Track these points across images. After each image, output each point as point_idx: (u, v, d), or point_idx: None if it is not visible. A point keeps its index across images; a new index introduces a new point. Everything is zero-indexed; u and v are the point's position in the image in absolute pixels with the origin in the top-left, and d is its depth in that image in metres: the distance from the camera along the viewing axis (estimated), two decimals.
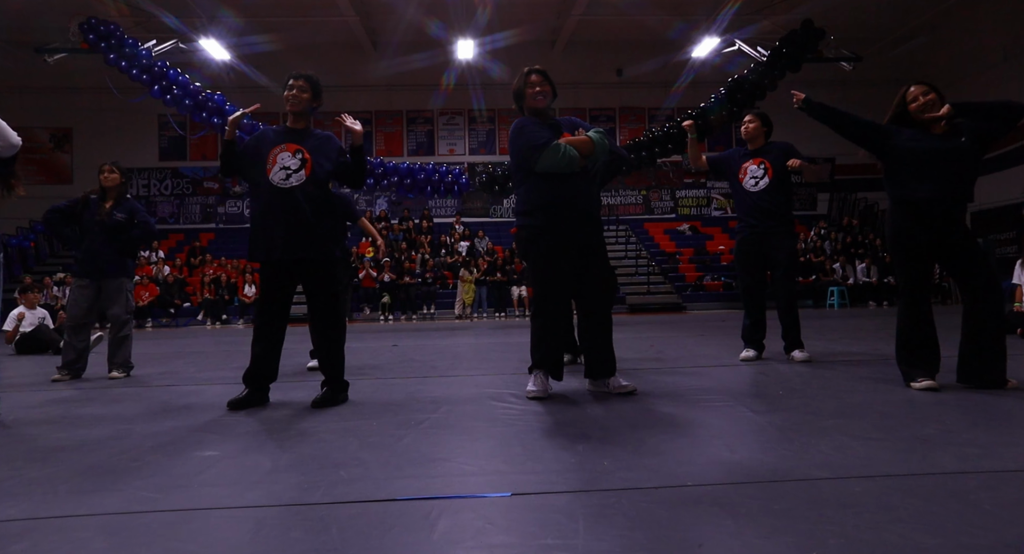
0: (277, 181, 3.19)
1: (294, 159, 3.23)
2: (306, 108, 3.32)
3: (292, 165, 3.22)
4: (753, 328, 4.51)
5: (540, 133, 3.16)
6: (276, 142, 3.26)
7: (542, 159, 3.10)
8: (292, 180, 3.19)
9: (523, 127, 3.23)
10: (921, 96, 3.18)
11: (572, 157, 3.09)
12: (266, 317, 3.24)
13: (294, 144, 3.26)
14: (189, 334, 11.07)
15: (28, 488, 1.88)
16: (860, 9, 16.30)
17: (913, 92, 3.22)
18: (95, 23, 12.56)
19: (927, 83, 3.23)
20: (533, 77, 3.27)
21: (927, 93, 3.17)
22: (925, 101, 3.16)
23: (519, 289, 15.21)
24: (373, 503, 1.67)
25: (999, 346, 3.03)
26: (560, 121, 3.34)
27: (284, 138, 3.28)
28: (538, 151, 3.11)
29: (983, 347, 3.04)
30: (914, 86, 3.24)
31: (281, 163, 3.21)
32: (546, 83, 3.27)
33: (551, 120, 3.30)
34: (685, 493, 1.68)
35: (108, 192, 4.74)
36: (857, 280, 15.99)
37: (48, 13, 14.79)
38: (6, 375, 5.23)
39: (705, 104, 12.98)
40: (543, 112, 3.29)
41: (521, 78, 3.31)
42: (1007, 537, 1.34)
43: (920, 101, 3.17)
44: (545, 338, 3.21)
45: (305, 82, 3.30)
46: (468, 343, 7.09)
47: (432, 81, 18.32)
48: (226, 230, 18.98)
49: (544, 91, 3.26)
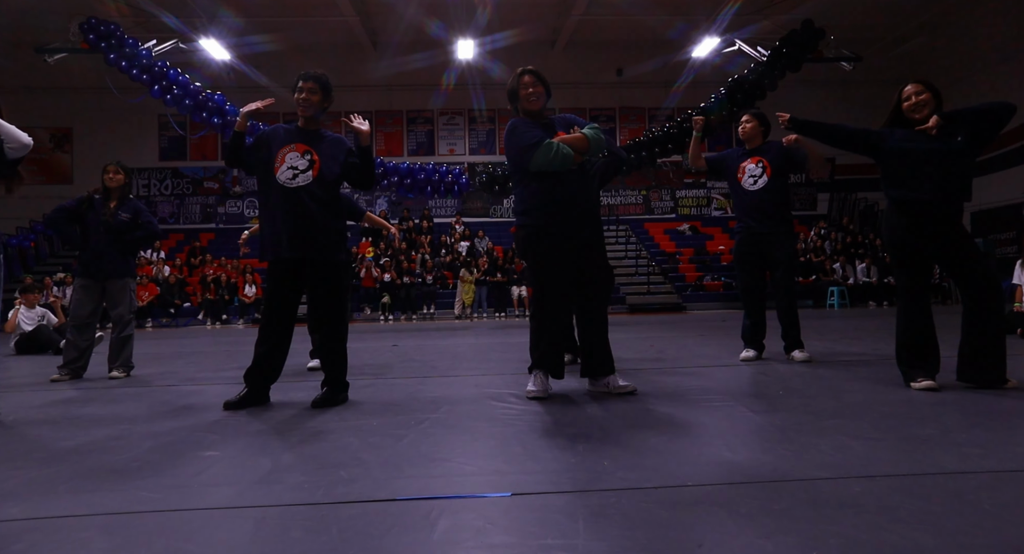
0: (283, 180, 3.19)
1: (302, 160, 3.22)
2: (317, 111, 3.31)
3: (300, 165, 3.21)
4: (753, 328, 4.51)
5: (532, 132, 3.16)
6: (286, 141, 3.25)
7: (535, 158, 3.10)
8: (299, 180, 3.18)
9: (515, 127, 3.23)
10: (914, 96, 3.19)
11: (565, 155, 3.08)
12: (272, 317, 3.22)
13: (304, 145, 3.25)
14: (189, 334, 11.07)
15: (28, 488, 1.88)
16: (860, 9, 16.31)
17: (908, 91, 3.23)
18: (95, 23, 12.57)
19: (923, 81, 3.22)
20: (526, 78, 3.25)
21: (920, 93, 3.18)
22: (917, 101, 3.17)
23: (519, 289, 15.21)
24: (373, 503, 1.67)
25: (999, 345, 3.03)
26: (555, 119, 3.33)
27: (295, 138, 3.27)
28: (530, 150, 3.11)
29: (983, 346, 3.04)
30: (910, 84, 3.24)
31: (289, 162, 3.21)
32: (539, 84, 3.25)
33: (545, 120, 3.29)
34: (685, 493, 1.68)
35: (112, 192, 4.74)
36: (857, 280, 16.00)
37: (48, 13, 14.79)
38: (6, 375, 5.24)
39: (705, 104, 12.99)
40: (537, 113, 3.28)
41: (514, 79, 3.29)
42: (1007, 537, 1.34)
43: (912, 100, 3.18)
44: (544, 337, 3.21)
45: (315, 84, 3.27)
46: (468, 343, 7.09)
47: (432, 81, 18.33)
48: (226, 230, 18.98)
49: (537, 92, 3.24)
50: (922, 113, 3.15)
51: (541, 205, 3.17)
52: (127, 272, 4.72)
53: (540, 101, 3.25)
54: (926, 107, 3.15)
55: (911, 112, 3.19)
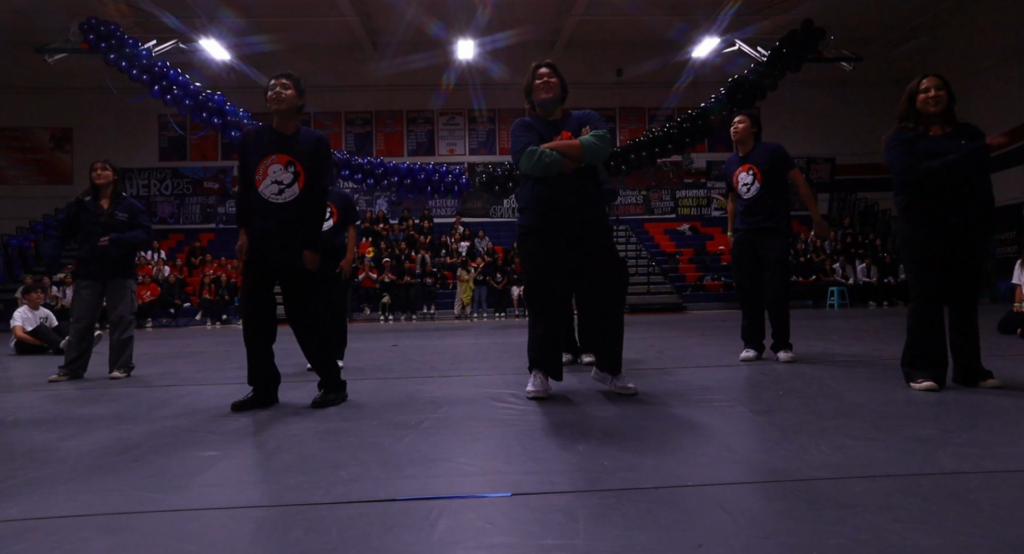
0: (268, 196, 3.10)
1: (286, 173, 3.09)
2: (292, 106, 3.16)
3: (285, 180, 3.09)
4: (752, 329, 4.52)
5: (523, 136, 3.16)
6: (266, 151, 3.12)
7: (520, 163, 3.13)
8: (285, 195, 3.10)
9: (514, 129, 3.25)
10: (934, 89, 3.10)
11: (550, 162, 3.07)
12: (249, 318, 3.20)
13: (285, 154, 3.11)
14: (189, 334, 11.07)
15: (28, 488, 1.88)
16: (860, 9, 16.31)
17: (925, 84, 3.13)
18: (95, 23, 12.56)
19: (941, 77, 3.14)
20: (543, 69, 3.24)
21: (940, 88, 3.10)
22: (936, 95, 3.08)
23: (519, 289, 15.22)
24: (373, 503, 1.67)
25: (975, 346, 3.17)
26: (573, 116, 3.29)
27: (275, 145, 3.13)
28: (516, 155, 3.15)
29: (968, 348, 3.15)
30: (927, 78, 3.14)
31: (273, 176, 3.09)
32: (555, 75, 3.24)
33: (553, 117, 3.26)
34: (685, 493, 1.68)
35: (102, 190, 4.69)
36: (857, 280, 16.00)
37: (48, 13, 14.79)
38: (6, 375, 5.24)
39: (705, 104, 12.98)
40: (547, 105, 3.23)
41: (531, 72, 3.26)
42: (1007, 537, 1.34)
43: (932, 94, 3.10)
44: (536, 336, 3.21)
45: (287, 79, 3.16)
46: (468, 343, 7.09)
47: (432, 81, 18.32)
48: (226, 230, 18.95)
49: (551, 83, 3.20)
50: (937, 108, 3.09)
51: (537, 205, 3.17)
52: (127, 272, 4.71)
53: (552, 92, 3.21)
54: (942, 103, 3.09)
55: (926, 105, 3.11)
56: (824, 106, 19.14)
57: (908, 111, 3.19)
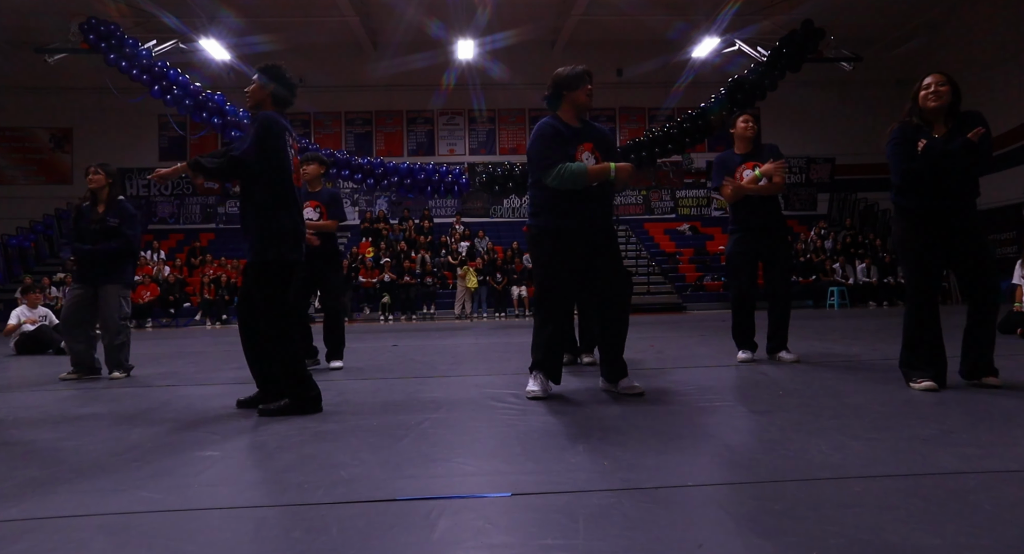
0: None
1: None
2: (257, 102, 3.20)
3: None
4: (743, 329, 4.52)
5: (554, 151, 3.13)
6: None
7: (548, 179, 3.12)
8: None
9: (542, 134, 3.19)
10: (935, 85, 3.08)
11: (576, 176, 3.07)
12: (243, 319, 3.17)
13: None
14: (189, 334, 11.06)
15: (28, 488, 1.88)
16: (860, 9, 16.30)
17: (928, 81, 3.13)
18: (95, 23, 12.56)
19: (946, 74, 3.13)
20: (589, 85, 3.22)
21: (942, 84, 3.08)
22: (935, 91, 3.07)
23: (519, 289, 15.21)
24: (373, 503, 1.67)
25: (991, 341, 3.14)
26: (597, 128, 3.33)
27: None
28: (545, 171, 3.12)
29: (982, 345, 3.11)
30: (931, 76, 3.14)
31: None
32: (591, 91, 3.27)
33: (583, 122, 3.28)
34: (685, 493, 1.68)
35: (97, 194, 4.66)
36: (857, 280, 16.00)
37: (48, 13, 14.78)
38: (6, 375, 5.24)
39: (705, 104, 12.98)
40: (583, 112, 3.27)
41: (578, 76, 3.19)
42: (1007, 537, 1.34)
43: (932, 90, 3.09)
44: (544, 338, 3.21)
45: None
46: (468, 343, 7.09)
47: (432, 81, 18.31)
48: (226, 230, 18.96)
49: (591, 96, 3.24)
50: (937, 103, 3.07)
51: (551, 208, 3.17)
52: (119, 278, 4.64)
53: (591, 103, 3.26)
54: (942, 98, 3.07)
55: (925, 101, 3.11)
56: (824, 106, 19.13)
57: (912, 108, 3.19)
